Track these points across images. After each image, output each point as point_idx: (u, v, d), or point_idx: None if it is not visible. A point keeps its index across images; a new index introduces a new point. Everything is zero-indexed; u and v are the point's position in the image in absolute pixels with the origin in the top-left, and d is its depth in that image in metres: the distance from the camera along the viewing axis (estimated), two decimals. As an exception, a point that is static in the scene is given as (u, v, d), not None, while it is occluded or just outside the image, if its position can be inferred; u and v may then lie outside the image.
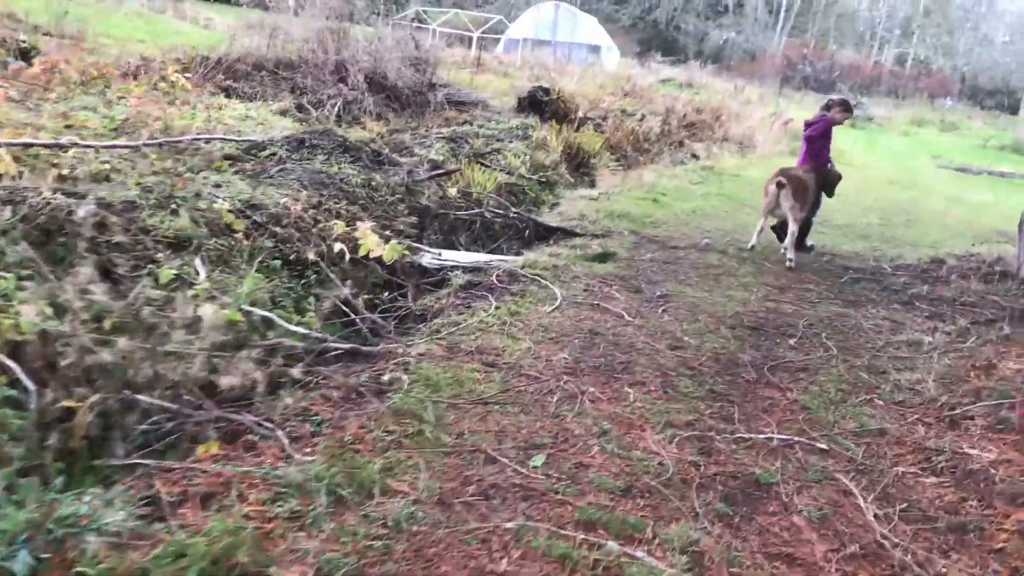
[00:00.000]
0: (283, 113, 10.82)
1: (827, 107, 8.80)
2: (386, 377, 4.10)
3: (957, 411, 4.42)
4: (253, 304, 4.80)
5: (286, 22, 14.52)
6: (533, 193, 9.55)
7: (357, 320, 5.48)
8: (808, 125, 8.79)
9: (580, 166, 11.32)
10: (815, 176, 8.25)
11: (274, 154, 7.41)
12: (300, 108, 11.28)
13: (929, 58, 64.57)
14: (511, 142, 10.91)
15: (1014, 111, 51.02)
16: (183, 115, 8.76)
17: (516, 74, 29.22)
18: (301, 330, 4.57)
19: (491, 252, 7.39)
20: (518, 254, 7.15)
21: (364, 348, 4.56)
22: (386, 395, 3.93)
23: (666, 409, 4.15)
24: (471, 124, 11.41)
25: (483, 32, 34.43)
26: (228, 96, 10.97)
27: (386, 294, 5.80)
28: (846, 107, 8.87)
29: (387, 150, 8.84)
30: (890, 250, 8.88)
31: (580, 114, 12.96)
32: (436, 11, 36.20)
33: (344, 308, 5.61)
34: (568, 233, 7.58)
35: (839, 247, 8.87)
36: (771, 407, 4.37)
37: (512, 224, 7.67)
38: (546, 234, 7.59)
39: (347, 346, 4.55)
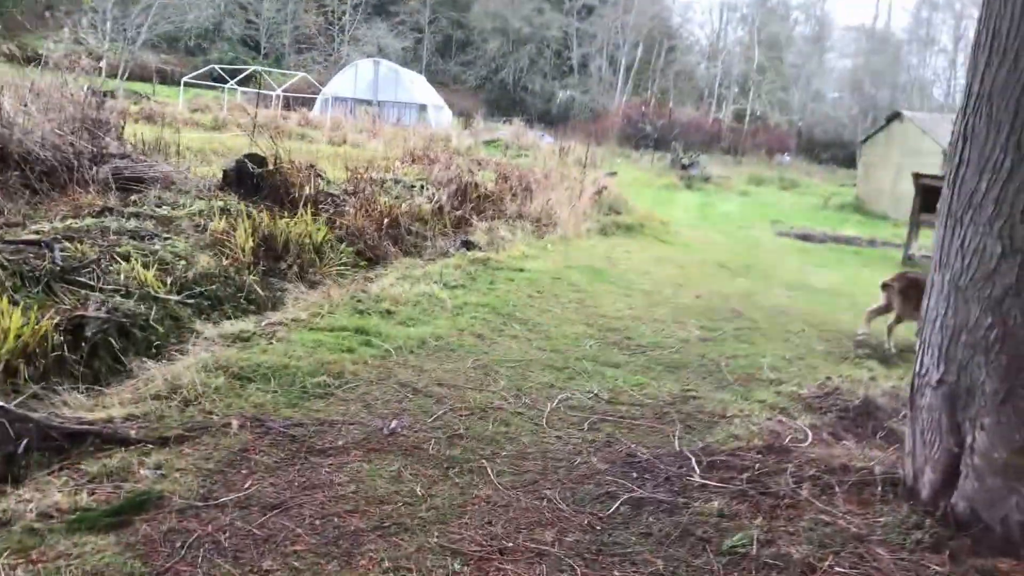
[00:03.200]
0: None
1: None
2: None
3: None
4: None
5: None
6: (163, 328, 5.97)
7: None
8: None
9: (288, 269, 7.83)
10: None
11: None
12: None
13: (766, 113, 65.38)
14: (167, 239, 7.34)
15: (848, 164, 51.34)
16: None
17: (316, 135, 25.85)
18: None
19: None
20: None
21: None
22: None
23: None
24: (112, 213, 7.77)
25: (286, 91, 30.93)
26: None
27: None
28: None
29: None
30: (708, 399, 5.76)
31: (309, 190, 9.52)
32: (235, 68, 32.50)
33: None
34: (104, 439, 4.01)
35: (633, 397, 5.69)
36: None
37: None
38: (64, 444, 4.00)
39: None
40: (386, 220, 9.79)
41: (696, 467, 4.35)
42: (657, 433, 5.04)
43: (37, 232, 6.75)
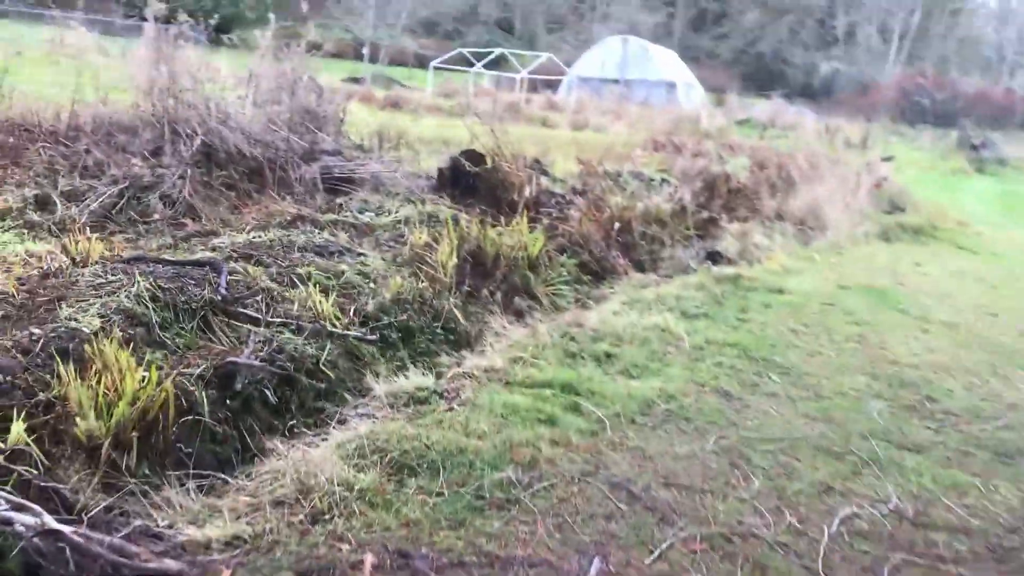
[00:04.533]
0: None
1: None
2: None
3: None
4: None
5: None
6: (335, 373, 4.90)
7: None
8: None
9: (493, 292, 6.60)
10: None
11: None
12: (42, 204, 7.04)
13: (1069, 82, 57.06)
14: (360, 255, 6.34)
15: None
16: None
17: (558, 119, 24.81)
18: None
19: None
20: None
21: None
22: None
23: None
24: (304, 222, 6.88)
25: (532, 73, 30.13)
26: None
27: None
28: None
29: None
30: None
31: (529, 191, 8.26)
32: (482, 51, 32.21)
33: None
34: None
35: (951, 515, 3.90)
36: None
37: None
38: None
39: None
40: (616, 225, 8.33)
41: None
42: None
43: (214, 249, 5.95)
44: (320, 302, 5.30)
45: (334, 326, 5.25)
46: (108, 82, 10.01)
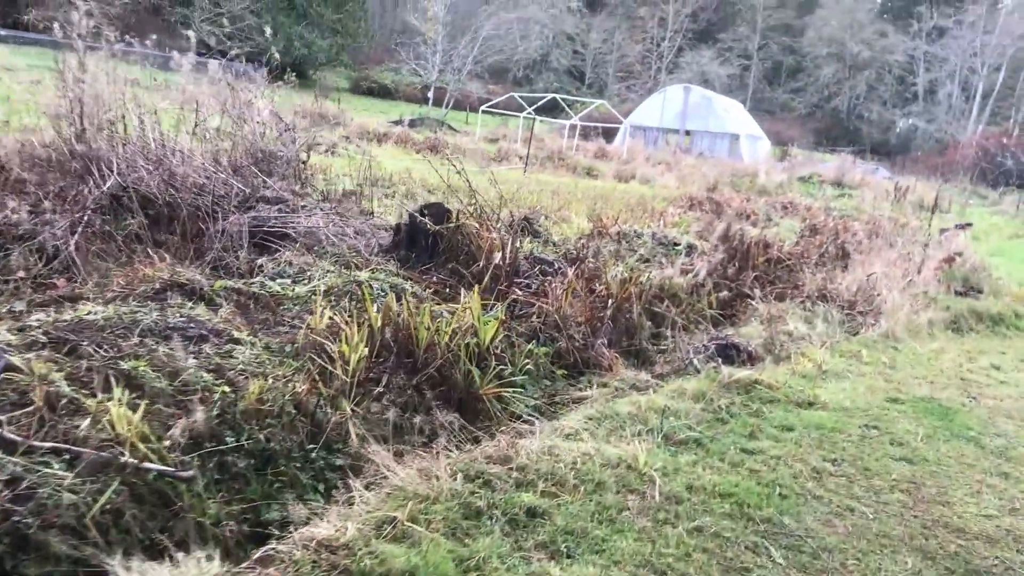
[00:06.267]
0: None
1: None
2: None
3: None
4: None
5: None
6: (124, 530, 3.33)
7: None
8: None
9: (387, 405, 4.94)
10: None
11: None
12: None
13: None
14: (235, 342, 4.79)
15: None
16: None
17: (605, 169, 23.23)
18: None
19: None
20: None
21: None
22: None
23: None
24: (176, 291, 5.35)
25: (583, 120, 28.57)
26: None
27: None
28: None
29: None
30: None
31: (502, 259, 6.63)
32: (534, 96, 30.85)
33: None
34: None
35: None
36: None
37: None
38: None
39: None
40: (610, 303, 6.66)
41: None
42: None
43: (23, 329, 4.46)
44: (123, 416, 3.74)
45: (135, 453, 3.68)
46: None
